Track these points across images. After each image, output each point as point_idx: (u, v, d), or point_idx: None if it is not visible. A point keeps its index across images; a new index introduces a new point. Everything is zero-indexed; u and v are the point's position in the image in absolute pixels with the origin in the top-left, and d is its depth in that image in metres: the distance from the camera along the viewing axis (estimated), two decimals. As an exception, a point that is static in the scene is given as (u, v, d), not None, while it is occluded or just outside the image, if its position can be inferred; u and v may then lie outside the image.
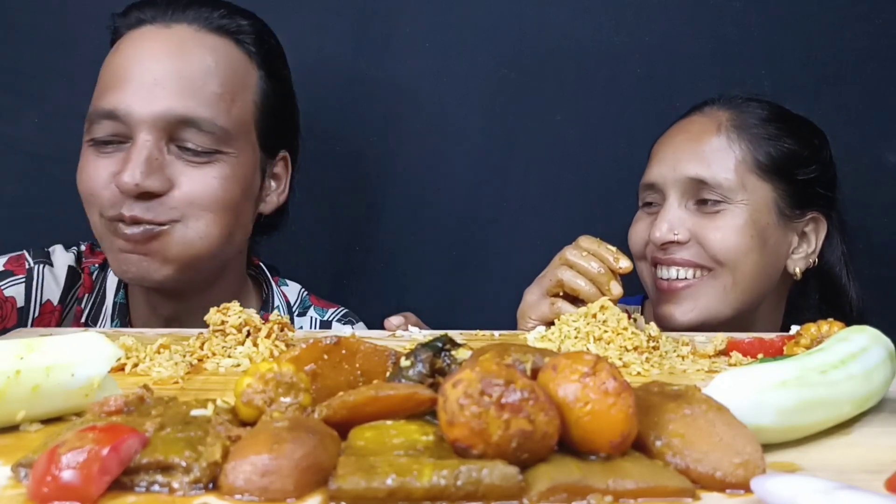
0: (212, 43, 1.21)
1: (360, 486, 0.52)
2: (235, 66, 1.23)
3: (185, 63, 1.18)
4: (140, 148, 1.15)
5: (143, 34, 1.20)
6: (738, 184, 1.34)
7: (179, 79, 1.17)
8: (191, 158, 1.18)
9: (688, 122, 1.42)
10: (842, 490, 0.50)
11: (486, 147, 1.67)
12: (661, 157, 1.40)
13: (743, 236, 1.33)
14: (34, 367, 0.67)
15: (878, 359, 0.76)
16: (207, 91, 1.18)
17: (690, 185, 1.35)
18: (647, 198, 1.43)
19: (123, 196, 1.15)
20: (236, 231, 1.24)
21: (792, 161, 1.38)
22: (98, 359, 0.70)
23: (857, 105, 1.65)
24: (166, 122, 1.16)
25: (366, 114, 1.65)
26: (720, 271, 1.33)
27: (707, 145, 1.36)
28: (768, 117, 1.39)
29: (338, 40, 1.63)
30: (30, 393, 0.67)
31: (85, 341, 0.71)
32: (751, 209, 1.34)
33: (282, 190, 1.33)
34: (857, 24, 1.65)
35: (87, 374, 0.69)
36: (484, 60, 1.64)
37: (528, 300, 1.21)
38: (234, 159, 1.21)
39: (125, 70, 1.18)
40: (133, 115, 1.15)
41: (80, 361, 0.69)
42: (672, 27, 1.64)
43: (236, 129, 1.21)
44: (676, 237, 1.34)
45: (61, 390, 0.68)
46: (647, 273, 1.41)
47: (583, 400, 0.57)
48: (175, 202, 1.16)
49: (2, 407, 0.66)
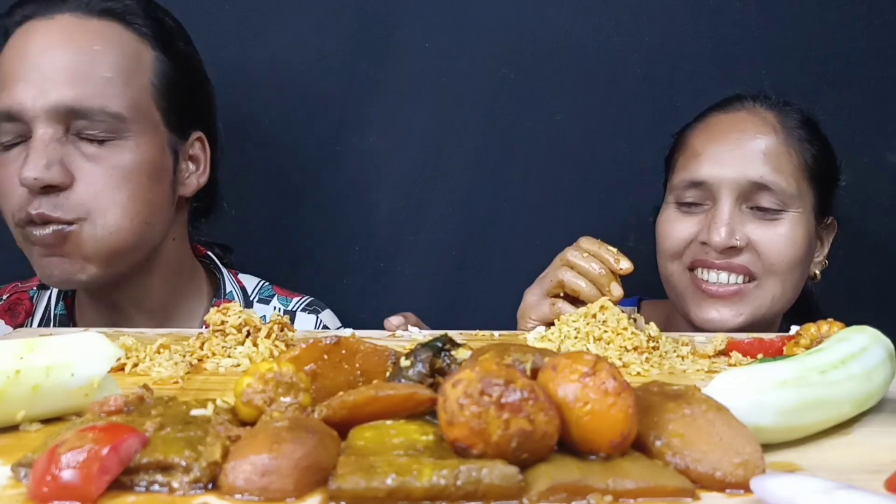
0: (96, 28, 1.19)
1: (359, 486, 0.52)
2: (125, 48, 1.20)
3: (71, 52, 1.16)
4: (37, 141, 1.13)
5: (27, 30, 1.18)
6: (797, 189, 1.31)
7: (67, 69, 1.15)
8: (89, 148, 1.15)
9: (735, 119, 1.35)
10: (841, 490, 0.50)
11: (486, 147, 1.67)
12: (714, 156, 1.32)
13: (800, 246, 1.31)
14: (34, 366, 0.67)
15: (877, 359, 0.76)
16: (96, 77, 1.16)
17: (749, 189, 1.29)
18: (687, 196, 1.34)
19: (31, 196, 1.13)
20: (152, 219, 1.21)
21: (829, 166, 1.36)
22: (98, 359, 0.70)
23: (857, 105, 1.65)
24: (58, 114, 1.14)
25: (366, 114, 1.65)
26: (768, 281, 1.30)
27: (767, 147, 1.31)
28: (804, 121, 1.36)
29: (338, 40, 1.63)
30: (30, 393, 0.67)
31: (85, 341, 0.71)
32: (805, 217, 1.32)
33: (201, 171, 1.30)
34: (857, 24, 1.64)
35: (86, 373, 0.69)
36: (484, 60, 1.64)
37: (529, 300, 1.19)
38: (133, 144, 1.18)
39: (14, 68, 1.16)
40: (26, 111, 1.14)
41: (80, 361, 0.69)
42: (672, 27, 1.64)
43: (132, 113, 1.18)
44: (738, 242, 1.28)
45: (61, 390, 0.68)
46: (681, 274, 1.35)
47: (582, 400, 0.57)
48: (80, 197, 1.14)
49: (2, 407, 0.66)
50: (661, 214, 1.39)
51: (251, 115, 1.60)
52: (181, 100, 1.25)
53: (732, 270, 1.29)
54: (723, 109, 1.38)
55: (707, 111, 1.41)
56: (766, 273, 1.30)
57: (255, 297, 1.40)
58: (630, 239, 1.52)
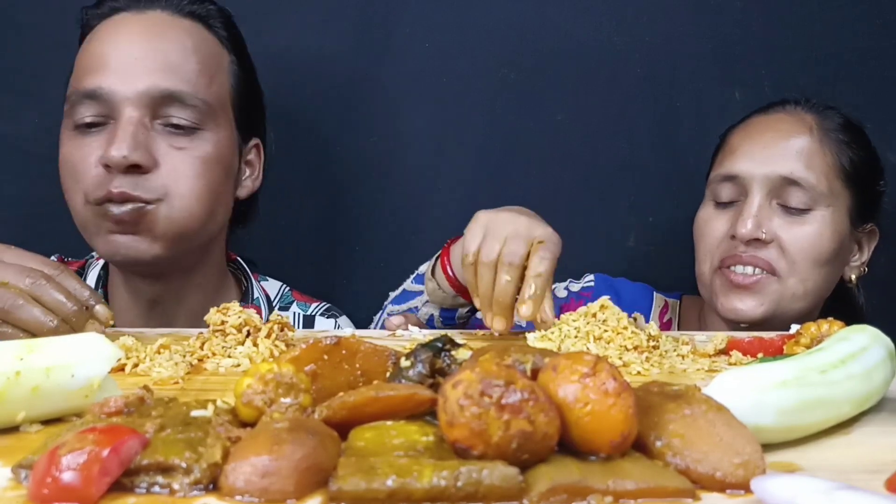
0: (186, 26, 1.25)
1: (360, 487, 0.52)
2: (210, 48, 1.26)
3: (164, 43, 1.21)
4: (125, 123, 1.16)
5: (118, 21, 1.23)
6: (828, 188, 1.33)
7: (160, 59, 1.19)
8: (175, 134, 1.19)
9: (773, 120, 1.39)
10: (841, 490, 0.50)
11: (486, 147, 1.67)
12: (748, 152, 1.36)
13: (827, 245, 1.32)
14: (34, 367, 0.67)
15: (877, 358, 0.76)
16: (187, 68, 1.21)
17: (780, 184, 1.32)
18: (722, 193, 1.38)
19: (110, 175, 1.15)
20: (218, 209, 1.25)
21: (869, 170, 1.38)
22: (98, 359, 0.70)
23: (857, 105, 1.65)
24: (150, 98, 1.17)
25: (366, 114, 1.65)
26: (790, 278, 1.32)
27: (800, 145, 1.34)
28: (846, 124, 1.38)
29: (338, 40, 1.63)
30: (30, 394, 0.67)
31: (85, 342, 0.71)
32: (835, 217, 1.33)
33: (255, 176, 1.36)
34: (857, 24, 1.65)
35: (86, 374, 0.69)
36: (484, 60, 1.64)
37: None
38: (215, 137, 1.23)
39: (105, 53, 1.20)
40: (117, 93, 1.17)
41: (80, 362, 0.69)
42: (672, 27, 1.64)
43: (217, 106, 1.24)
44: (763, 235, 1.31)
45: (61, 391, 0.68)
46: (712, 271, 1.37)
47: (583, 400, 0.57)
48: (160, 180, 1.17)
49: (2, 408, 0.66)
50: (700, 214, 1.42)
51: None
52: (247, 105, 1.31)
53: (756, 264, 1.31)
54: (765, 112, 1.42)
55: (750, 114, 1.44)
56: (789, 270, 1.31)
57: (277, 304, 1.42)
58: (630, 239, 1.53)
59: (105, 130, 1.18)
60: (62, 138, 1.22)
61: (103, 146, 1.16)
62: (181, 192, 1.19)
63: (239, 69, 1.30)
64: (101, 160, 1.16)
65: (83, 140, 1.19)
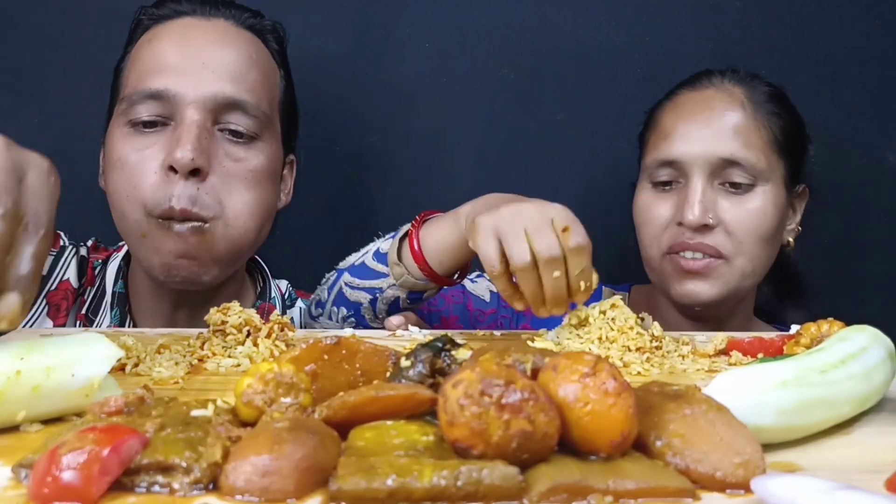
0: (247, 37, 1.26)
1: (360, 487, 0.52)
2: (267, 61, 1.28)
3: (230, 51, 1.22)
4: (191, 125, 1.16)
5: (184, 24, 1.24)
6: (767, 164, 1.31)
7: (226, 64, 1.20)
8: (233, 142, 1.20)
9: (704, 97, 1.37)
10: (842, 490, 0.50)
11: (486, 147, 1.67)
12: (684, 134, 1.33)
13: (770, 221, 1.31)
14: (34, 367, 0.67)
15: (878, 359, 0.76)
16: (250, 78, 1.22)
17: (720, 166, 1.30)
18: (660, 175, 1.35)
19: (169, 182, 1.14)
20: (266, 224, 1.27)
21: (798, 136, 1.37)
22: (98, 359, 0.70)
23: (857, 105, 1.65)
24: (215, 104, 1.18)
25: (366, 114, 1.65)
26: (737, 259, 1.31)
27: (736, 123, 1.32)
28: (772, 94, 1.37)
29: (338, 40, 1.63)
30: (30, 393, 0.67)
31: (85, 341, 0.71)
32: (775, 190, 1.32)
33: (288, 191, 1.36)
34: (857, 24, 1.65)
35: (87, 374, 0.69)
36: (484, 60, 1.64)
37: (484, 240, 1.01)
38: (269, 149, 1.24)
39: (171, 54, 1.20)
40: (184, 95, 1.17)
41: (80, 361, 0.69)
42: (672, 27, 1.64)
43: (272, 119, 1.26)
44: (711, 220, 1.29)
45: (62, 390, 0.68)
46: (660, 257, 1.35)
47: (583, 400, 0.57)
48: (215, 190, 1.17)
49: (2, 407, 0.66)
50: (638, 198, 1.39)
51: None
52: (289, 121, 1.33)
53: (704, 251, 1.30)
54: (691, 86, 1.39)
55: (676, 88, 1.41)
56: (736, 251, 1.30)
57: (288, 304, 1.43)
58: (630, 239, 1.52)
59: (164, 132, 1.18)
60: (114, 137, 1.21)
61: (165, 149, 1.16)
62: (235, 206, 1.19)
63: (286, 86, 1.32)
64: (164, 162, 1.15)
65: (141, 140, 1.18)
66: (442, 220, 1.17)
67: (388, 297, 1.20)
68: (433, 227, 1.17)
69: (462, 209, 1.14)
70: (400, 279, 1.17)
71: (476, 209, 1.08)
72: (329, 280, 1.29)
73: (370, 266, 1.21)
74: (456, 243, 1.13)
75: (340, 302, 1.23)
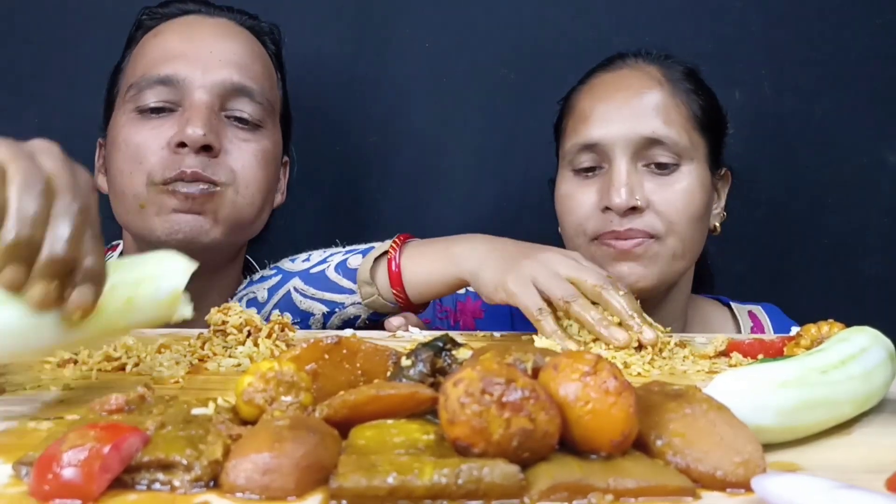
0: (248, 35, 1.31)
1: (360, 485, 0.52)
2: (266, 59, 1.32)
3: (235, 43, 1.27)
4: (200, 106, 1.19)
5: (188, 20, 1.29)
6: (689, 141, 1.27)
7: (233, 53, 1.25)
8: (240, 127, 1.23)
9: (619, 77, 1.32)
10: (842, 490, 0.50)
11: (485, 147, 1.67)
12: (603, 115, 1.28)
13: (698, 200, 1.27)
14: (125, 281, 0.72)
15: (878, 359, 0.76)
16: (255, 69, 1.27)
17: (643, 145, 1.25)
18: (581, 161, 1.29)
19: (178, 157, 1.17)
20: (267, 207, 1.29)
21: (717, 115, 1.34)
22: (177, 271, 0.76)
23: (857, 105, 1.65)
24: (223, 89, 1.22)
25: (366, 114, 1.65)
26: (668, 238, 1.25)
27: (655, 101, 1.27)
28: (688, 72, 1.34)
29: (338, 40, 1.64)
30: (124, 305, 0.72)
31: (160, 259, 0.78)
32: (699, 169, 1.28)
33: (283, 191, 1.38)
34: (857, 24, 1.65)
35: (170, 285, 0.75)
36: (484, 60, 1.65)
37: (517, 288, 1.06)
38: (273, 137, 1.28)
39: (179, 45, 1.24)
40: (193, 80, 1.21)
41: (163, 275, 0.76)
42: (672, 27, 1.64)
43: (275, 109, 1.30)
44: (639, 202, 1.23)
45: (151, 301, 0.74)
46: (588, 245, 1.28)
47: (583, 399, 0.57)
48: (229, 164, 1.20)
49: (102, 318, 0.70)
50: (560, 188, 1.34)
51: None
52: (285, 122, 1.36)
53: (635, 237, 1.24)
54: (606, 69, 1.35)
55: (590, 72, 1.37)
56: (667, 232, 1.25)
57: None
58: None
59: (171, 117, 1.21)
60: (119, 123, 1.23)
61: (173, 129, 1.19)
62: (247, 179, 1.22)
63: (281, 85, 1.36)
64: (173, 140, 1.17)
65: (147, 123, 1.21)
66: (430, 254, 1.17)
67: (349, 314, 1.19)
68: (420, 259, 1.17)
69: (456, 251, 1.15)
70: (368, 299, 1.17)
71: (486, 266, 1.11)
72: (269, 279, 1.25)
73: (331, 278, 1.19)
74: (444, 282, 1.16)
75: (286, 307, 1.20)
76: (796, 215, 1.69)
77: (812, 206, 1.69)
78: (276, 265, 1.28)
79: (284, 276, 1.23)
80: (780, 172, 1.68)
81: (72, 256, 0.67)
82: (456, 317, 1.41)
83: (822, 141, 1.67)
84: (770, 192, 1.68)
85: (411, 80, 1.64)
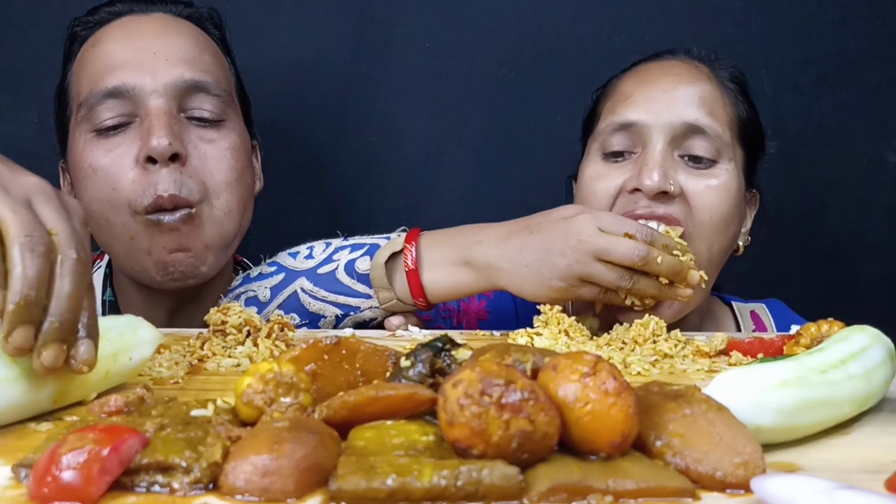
0: (189, 26, 1.24)
1: (360, 487, 0.52)
2: (214, 47, 1.26)
3: (178, 38, 1.20)
4: (158, 114, 1.13)
5: (124, 23, 1.21)
6: (730, 139, 1.20)
7: (178, 49, 1.18)
8: (202, 126, 1.18)
9: (668, 66, 1.26)
10: (842, 490, 0.50)
11: (485, 147, 1.67)
12: (646, 97, 1.21)
13: (733, 201, 1.19)
14: (105, 354, 0.73)
15: (878, 359, 0.76)
16: (205, 60, 1.20)
17: (683, 132, 1.18)
18: (614, 143, 1.21)
19: (150, 175, 1.12)
20: (249, 204, 1.24)
21: (757, 129, 1.29)
22: (147, 341, 0.82)
23: (857, 105, 1.65)
24: (177, 90, 1.16)
25: (365, 113, 1.65)
26: (694, 239, 1.16)
27: (702, 91, 1.21)
28: (736, 76, 1.28)
29: (338, 40, 1.64)
30: (103, 377, 0.75)
31: (132, 327, 0.81)
32: (735, 172, 1.20)
33: (259, 175, 1.34)
34: (857, 24, 1.65)
35: (140, 356, 0.80)
36: (484, 60, 1.65)
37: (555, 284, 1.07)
38: (238, 128, 1.22)
39: (120, 51, 1.17)
40: (143, 87, 1.14)
41: (136, 346, 0.80)
42: (672, 27, 1.64)
43: (234, 98, 1.24)
44: (671, 188, 1.15)
45: (123, 371, 0.79)
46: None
47: (583, 400, 0.57)
48: (196, 172, 1.15)
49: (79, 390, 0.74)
50: (584, 171, 1.25)
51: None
52: (244, 107, 1.30)
53: (660, 220, 1.15)
54: (653, 59, 1.30)
55: (637, 62, 1.32)
56: (695, 231, 1.17)
57: None
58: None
59: (130, 130, 1.15)
60: (78, 147, 1.17)
61: (135, 143, 1.13)
62: (217, 187, 1.16)
63: (234, 70, 1.30)
64: (140, 156, 1.12)
65: (109, 142, 1.15)
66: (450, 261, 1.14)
67: (364, 317, 1.17)
68: (443, 272, 1.14)
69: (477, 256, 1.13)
70: (386, 304, 1.15)
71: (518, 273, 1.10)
72: (270, 277, 1.21)
73: (343, 281, 1.16)
74: (472, 290, 1.16)
75: (293, 308, 1.17)
76: (796, 215, 1.69)
77: (812, 206, 1.69)
78: (274, 261, 1.23)
79: (288, 275, 1.19)
80: (780, 172, 1.67)
81: (77, 316, 0.68)
82: (459, 317, 1.41)
83: (822, 141, 1.67)
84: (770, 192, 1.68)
85: (410, 80, 1.64)
